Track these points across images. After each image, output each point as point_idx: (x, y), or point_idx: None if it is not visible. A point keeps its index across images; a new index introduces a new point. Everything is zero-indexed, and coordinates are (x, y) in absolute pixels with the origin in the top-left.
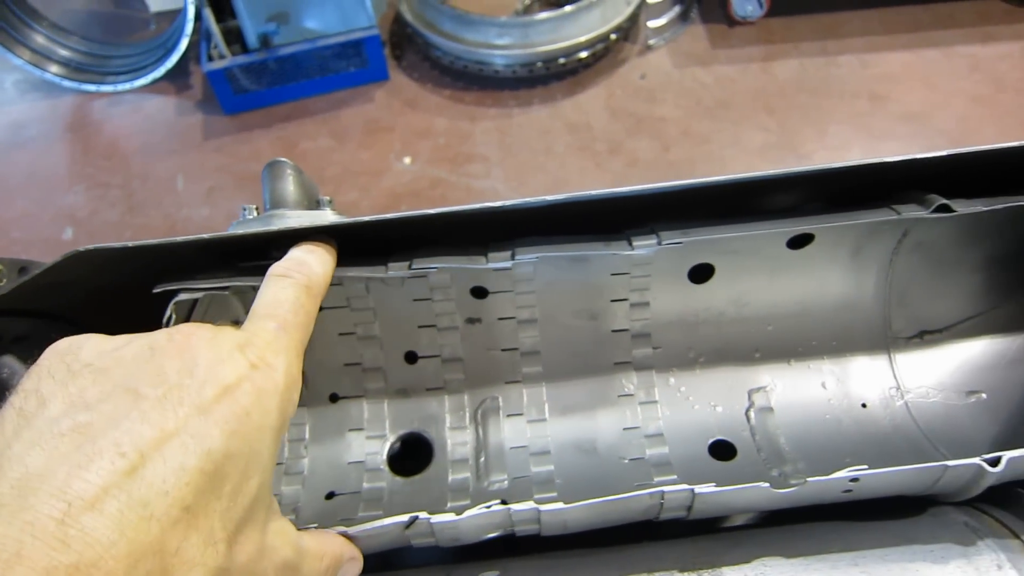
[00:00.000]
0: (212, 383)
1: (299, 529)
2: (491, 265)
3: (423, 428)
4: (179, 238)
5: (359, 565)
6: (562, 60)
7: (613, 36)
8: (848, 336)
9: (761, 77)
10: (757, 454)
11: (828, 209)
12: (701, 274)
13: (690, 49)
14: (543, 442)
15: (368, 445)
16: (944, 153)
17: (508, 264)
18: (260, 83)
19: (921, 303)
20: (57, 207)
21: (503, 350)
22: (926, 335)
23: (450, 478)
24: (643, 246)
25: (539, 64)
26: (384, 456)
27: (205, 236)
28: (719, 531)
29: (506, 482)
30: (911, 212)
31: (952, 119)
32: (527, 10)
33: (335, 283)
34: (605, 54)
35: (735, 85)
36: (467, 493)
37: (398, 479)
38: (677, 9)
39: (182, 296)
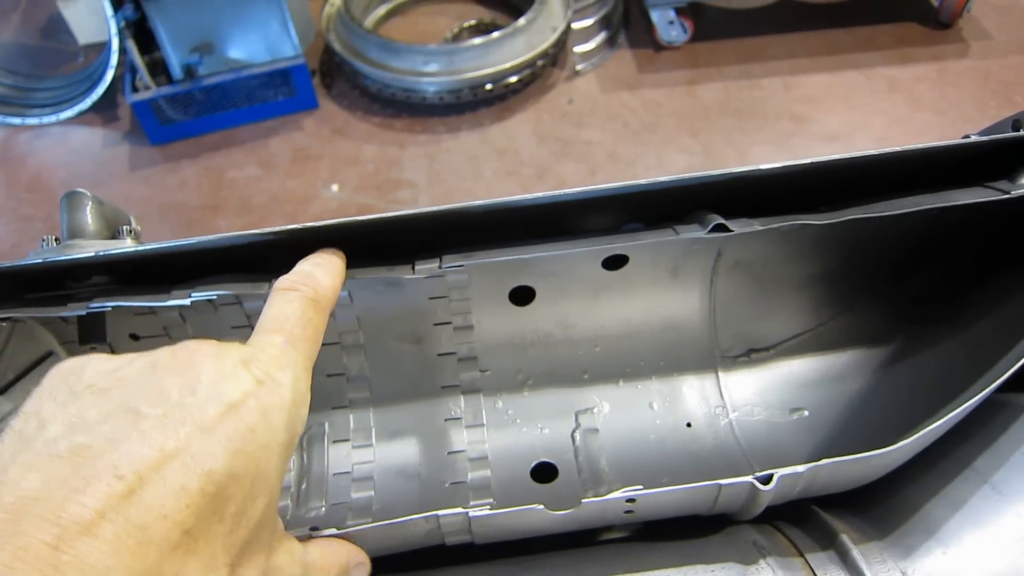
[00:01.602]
0: (215, 400)
1: (303, 540)
2: (264, 291)
3: None
4: None
5: (367, 569)
6: (489, 86)
7: (540, 62)
8: (676, 355)
9: (686, 100)
10: (577, 476)
11: (644, 229)
12: (522, 296)
13: (617, 73)
14: (367, 468)
15: None
16: (723, 172)
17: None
18: (187, 113)
19: (747, 322)
20: None
21: (328, 376)
22: (753, 353)
23: None
24: (425, 271)
25: (466, 91)
26: None
27: None
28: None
29: (323, 509)
30: (689, 232)
31: (872, 139)
32: (456, 38)
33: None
34: (533, 80)
35: (661, 109)
36: (284, 520)
37: None
38: (604, 35)
39: None
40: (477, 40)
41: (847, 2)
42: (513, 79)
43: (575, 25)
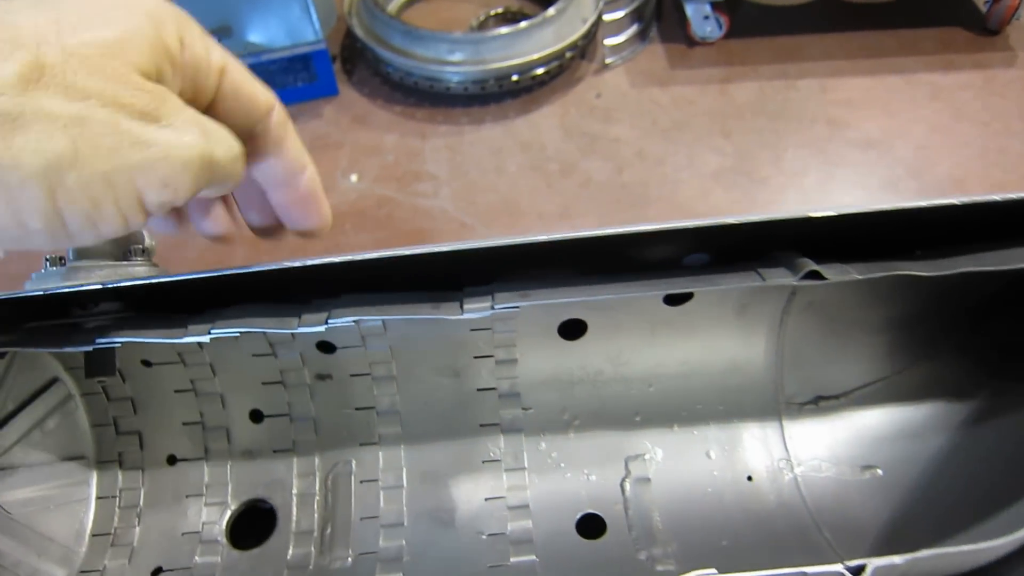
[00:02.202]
0: None
1: None
2: (301, 329)
3: (268, 494)
4: None
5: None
6: (515, 77)
7: (568, 54)
8: (737, 400)
9: (719, 99)
10: (628, 532)
11: (712, 263)
12: (573, 330)
13: (648, 68)
14: (397, 512)
15: (207, 513)
16: (827, 214)
17: (321, 328)
18: None
19: (816, 366)
20: None
21: (357, 409)
22: (821, 401)
23: (290, 552)
24: (475, 310)
25: (492, 81)
26: (223, 526)
27: None
28: None
29: (350, 559)
30: (778, 279)
31: (910, 147)
32: (482, 26)
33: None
34: (560, 72)
35: (692, 107)
36: (306, 571)
37: (235, 552)
38: (635, 27)
39: None
40: (504, 29)
41: (889, 3)
42: (540, 71)
43: (606, 17)
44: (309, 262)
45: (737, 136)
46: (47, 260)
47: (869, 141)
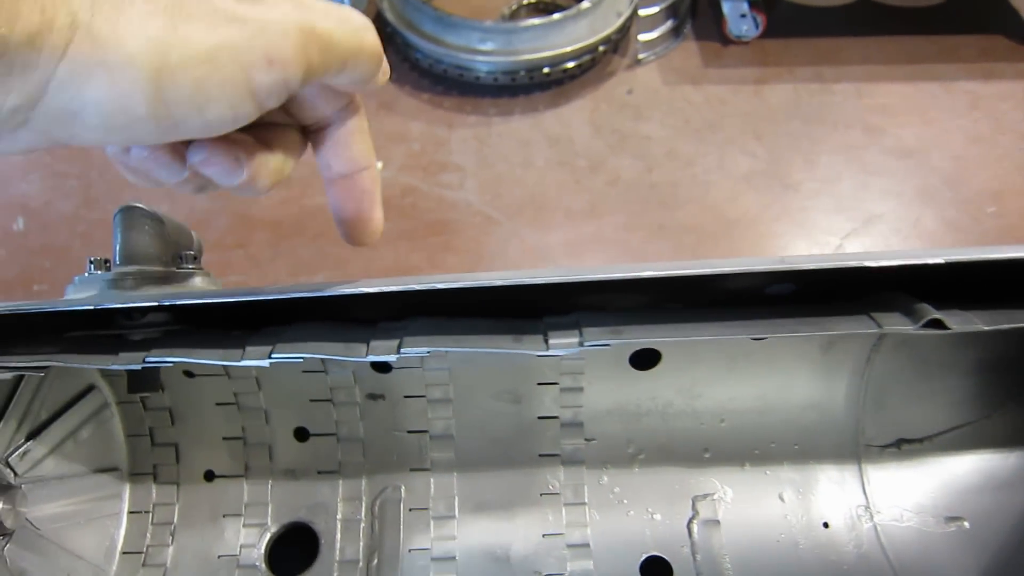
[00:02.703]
0: None
1: None
2: (371, 358)
3: (310, 518)
4: None
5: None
6: (546, 70)
7: (601, 48)
8: (814, 440)
9: (752, 100)
10: None
11: (798, 297)
12: (646, 360)
13: (681, 66)
14: (448, 545)
15: (245, 535)
16: (945, 260)
17: (392, 358)
18: None
19: (901, 407)
20: (9, 196)
21: (409, 432)
22: (904, 445)
23: None
24: (562, 346)
25: (522, 72)
26: (262, 550)
27: (11, 305)
28: None
29: None
30: (896, 326)
31: (947, 158)
32: (513, 15)
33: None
34: (592, 66)
35: (725, 106)
36: None
37: None
38: (670, 24)
39: None
40: (537, 20)
41: (930, 8)
42: (571, 64)
43: (641, 12)
44: (386, 288)
45: (770, 139)
46: (91, 262)
47: (905, 149)
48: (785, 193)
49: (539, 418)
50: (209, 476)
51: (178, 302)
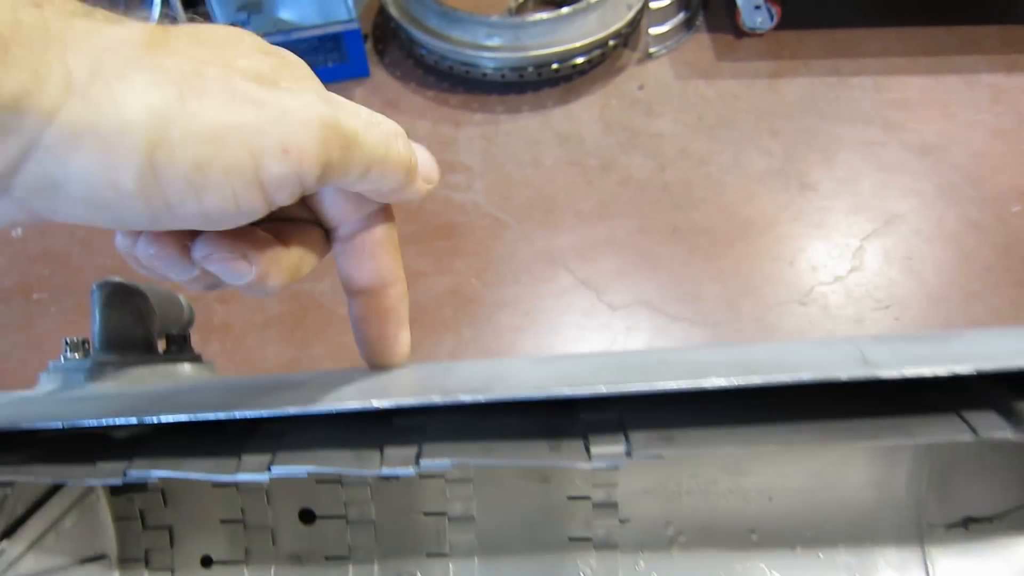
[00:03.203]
0: None
1: None
2: (385, 471)
3: None
4: None
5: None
6: (555, 66)
7: (612, 42)
8: (872, 520)
9: (767, 95)
10: None
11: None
12: None
13: (693, 60)
14: None
15: None
16: None
17: (411, 471)
18: None
19: (968, 483)
20: None
21: (426, 514)
22: (971, 524)
23: None
24: (607, 456)
25: (530, 69)
26: None
27: None
28: None
29: None
30: (995, 432)
31: (969, 154)
32: (519, 9)
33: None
34: (602, 61)
35: (739, 102)
36: None
37: None
38: (681, 16)
39: None
40: (546, 14)
41: None
42: (581, 59)
43: (651, 4)
44: (401, 402)
45: (785, 136)
46: (66, 343)
47: (925, 146)
48: (802, 193)
49: (569, 498)
50: (207, 562)
51: (160, 419)
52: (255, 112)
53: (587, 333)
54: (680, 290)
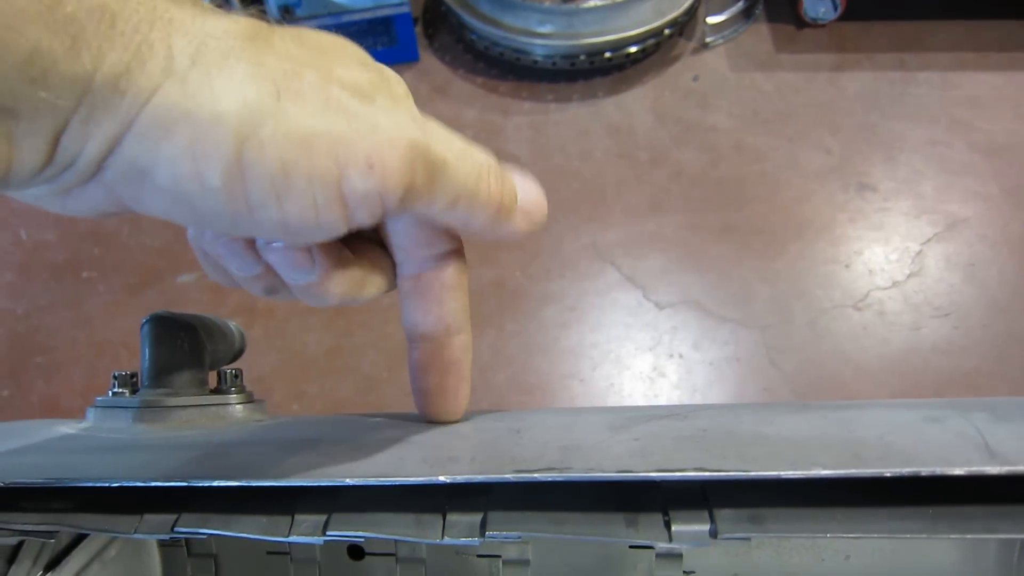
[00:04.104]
0: None
1: None
2: (447, 541)
3: None
4: None
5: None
6: (608, 54)
7: (667, 31)
8: None
9: (828, 89)
10: None
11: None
12: None
13: (751, 50)
14: None
15: None
16: None
17: (476, 542)
18: None
19: None
20: None
21: (480, 556)
22: None
23: None
24: (689, 538)
25: (582, 57)
26: None
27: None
28: None
29: None
30: None
31: None
32: None
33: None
34: (656, 50)
35: (797, 96)
36: None
37: None
38: (741, 4)
39: None
40: (600, 1)
41: None
42: (634, 48)
43: None
44: (459, 479)
45: (845, 133)
46: (114, 378)
47: (994, 146)
48: (861, 193)
49: (632, 547)
50: None
51: (207, 484)
52: (347, 123)
53: (632, 332)
54: (729, 291)
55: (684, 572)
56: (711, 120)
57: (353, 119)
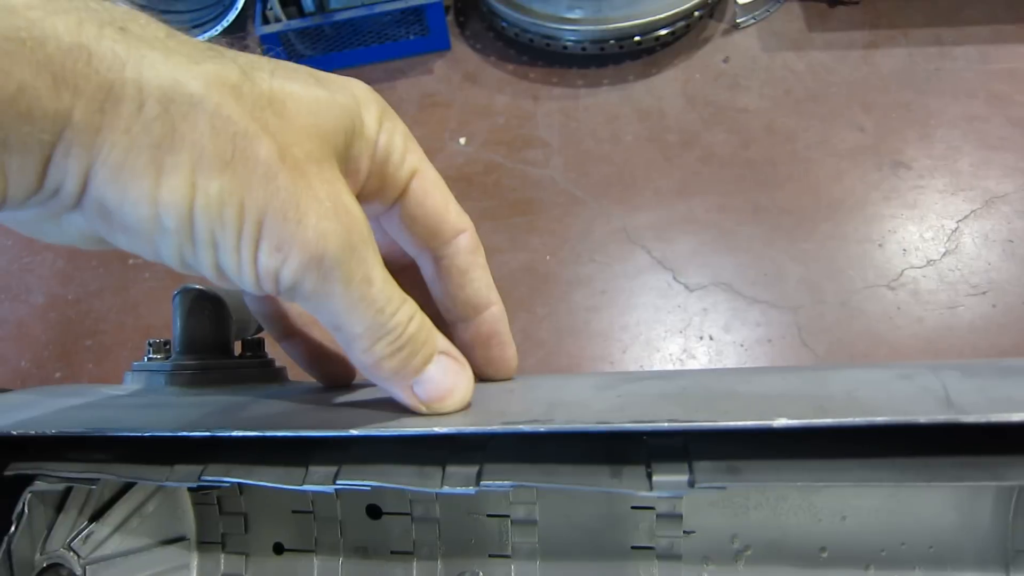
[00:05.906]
0: None
1: None
2: (445, 490)
3: None
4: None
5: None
6: (638, 38)
7: (697, 13)
8: (953, 542)
9: (861, 67)
10: None
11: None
12: None
13: (782, 30)
14: None
15: None
16: None
17: (471, 490)
18: (315, 49)
19: None
20: None
21: (489, 516)
22: None
23: None
24: (669, 486)
25: (612, 41)
26: None
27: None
28: None
29: None
30: None
31: None
32: None
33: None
34: (686, 33)
35: (830, 75)
36: None
37: None
38: None
39: (39, 485)
40: None
41: None
42: (664, 31)
43: None
44: (462, 429)
45: (879, 111)
46: (149, 344)
47: None
48: (895, 171)
49: (633, 508)
50: (278, 549)
51: (228, 434)
52: (290, 200)
53: (662, 315)
54: (760, 271)
55: (684, 532)
56: (742, 101)
57: (285, 193)
